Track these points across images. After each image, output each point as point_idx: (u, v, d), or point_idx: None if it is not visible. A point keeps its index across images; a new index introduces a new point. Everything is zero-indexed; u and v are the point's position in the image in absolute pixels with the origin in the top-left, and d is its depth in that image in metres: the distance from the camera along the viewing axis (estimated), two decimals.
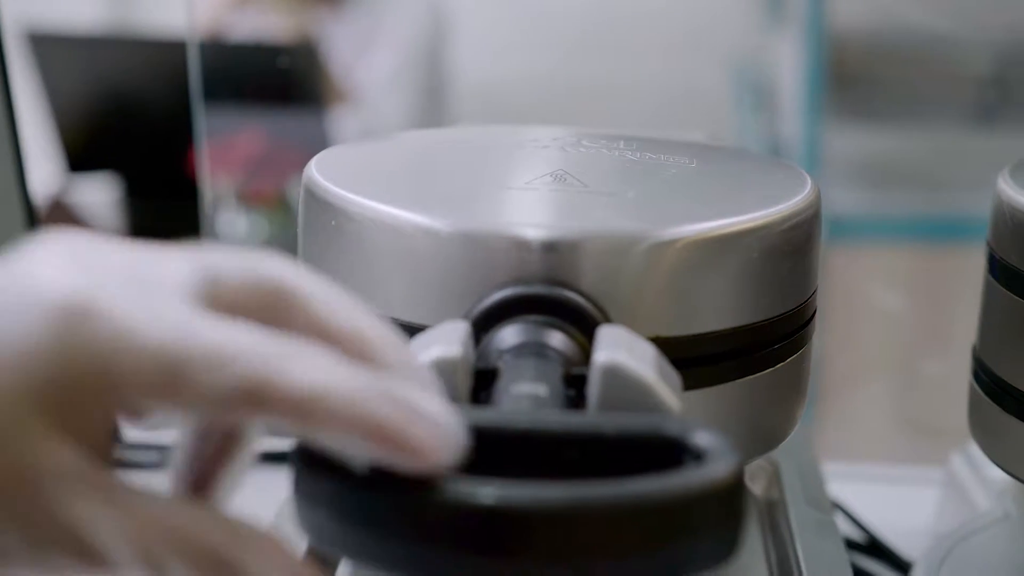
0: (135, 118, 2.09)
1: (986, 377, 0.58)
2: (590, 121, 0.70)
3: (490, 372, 0.43)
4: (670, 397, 0.40)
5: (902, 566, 0.71)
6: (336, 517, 0.33)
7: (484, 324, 0.44)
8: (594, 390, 0.40)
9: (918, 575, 0.64)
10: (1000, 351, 0.57)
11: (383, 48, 2.10)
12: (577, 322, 0.44)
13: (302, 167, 0.53)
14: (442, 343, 0.40)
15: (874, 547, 0.72)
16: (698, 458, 0.34)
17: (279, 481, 0.81)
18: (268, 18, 2.14)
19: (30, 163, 0.78)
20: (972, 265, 0.64)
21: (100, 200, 2.04)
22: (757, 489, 0.67)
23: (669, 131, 0.66)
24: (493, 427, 0.35)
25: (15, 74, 0.75)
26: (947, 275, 1.72)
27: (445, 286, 0.46)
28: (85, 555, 0.31)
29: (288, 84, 1.97)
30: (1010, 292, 0.56)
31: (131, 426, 0.34)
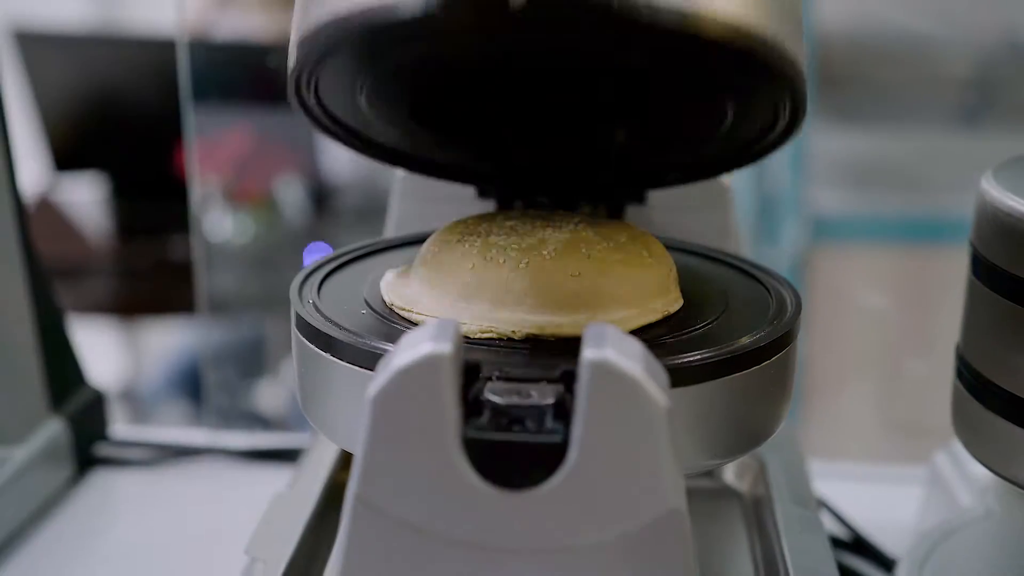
0: (122, 117, 2.08)
1: (969, 375, 0.59)
2: None
3: (478, 368, 0.43)
4: (658, 393, 0.41)
5: (886, 563, 0.71)
6: None
7: None
8: (583, 386, 0.40)
9: (902, 572, 0.65)
10: (983, 349, 0.58)
11: None
12: None
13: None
14: (432, 339, 0.41)
15: (859, 544, 0.73)
16: None
17: (270, 479, 0.81)
18: (253, 17, 2.14)
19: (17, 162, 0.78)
20: (956, 265, 0.64)
21: (87, 199, 2.04)
22: (743, 486, 0.68)
23: None
24: None
25: (2, 73, 0.75)
26: (931, 275, 1.73)
27: None
28: None
29: (275, 84, 1.96)
30: (992, 291, 0.56)
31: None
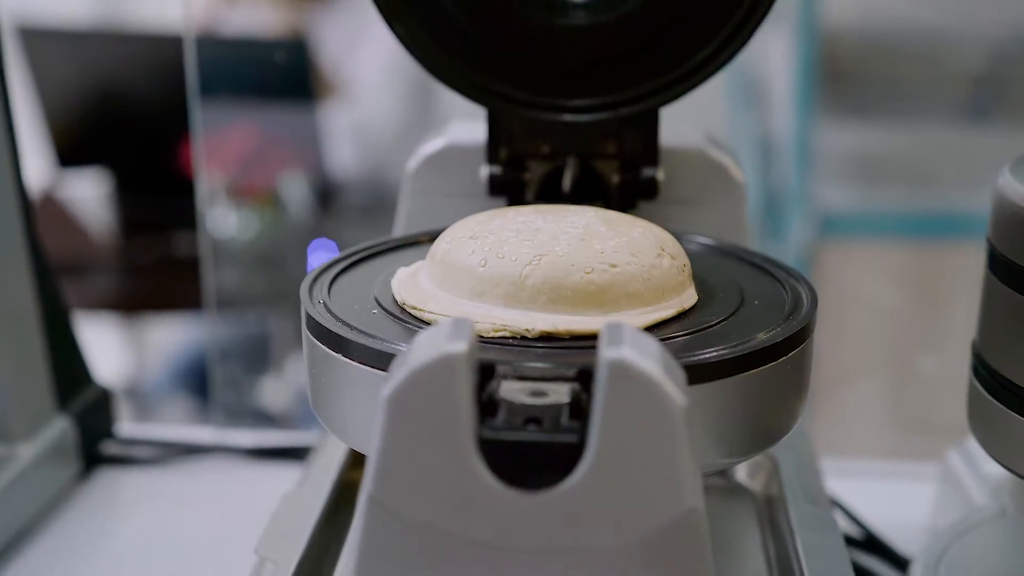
0: (126, 113, 2.08)
1: (986, 373, 0.58)
2: None
3: (493, 367, 0.43)
4: (676, 392, 0.40)
5: (900, 562, 0.71)
6: None
7: None
8: (601, 385, 0.40)
9: (916, 572, 0.64)
10: (1000, 347, 0.57)
11: (375, 43, 2.09)
12: None
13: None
14: (448, 339, 0.40)
15: (872, 543, 0.72)
16: None
17: (277, 478, 0.81)
18: (260, 13, 2.14)
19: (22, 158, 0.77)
20: (965, 261, 0.64)
21: (91, 195, 2.04)
22: (756, 485, 0.67)
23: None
24: None
25: (6, 69, 0.75)
26: (941, 271, 1.72)
27: None
28: None
29: (280, 79, 1.96)
30: (1011, 288, 0.56)
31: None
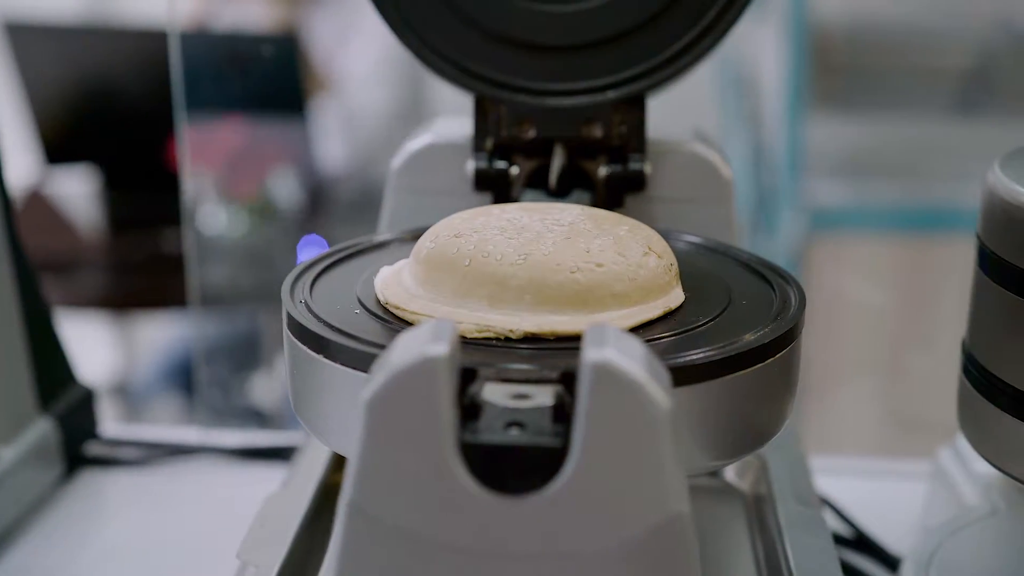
0: (114, 109, 2.07)
1: (976, 372, 0.58)
2: None
3: (475, 370, 0.42)
4: (660, 395, 0.39)
5: (891, 561, 0.70)
6: None
7: None
8: (584, 388, 0.39)
9: (907, 571, 0.64)
10: (990, 346, 0.57)
11: (365, 38, 2.08)
12: None
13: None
14: (428, 341, 0.40)
15: (862, 542, 0.72)
16: None
17: (263, 478, 0.80)
18: (249, 8, 2.13)
19: (6, 154, 0.77)
20: (954, 254, 0.63)
21: (79, 192, 2.03)
22: (745, 485, 0.67)
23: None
24: None
25: None
26: (931, 266, 1.72)
27: None
28: None
29: (270, 75, 1.95)
30: (1000, 286, 0.55)
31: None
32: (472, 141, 0.64)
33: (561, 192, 0.65)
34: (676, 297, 0.52)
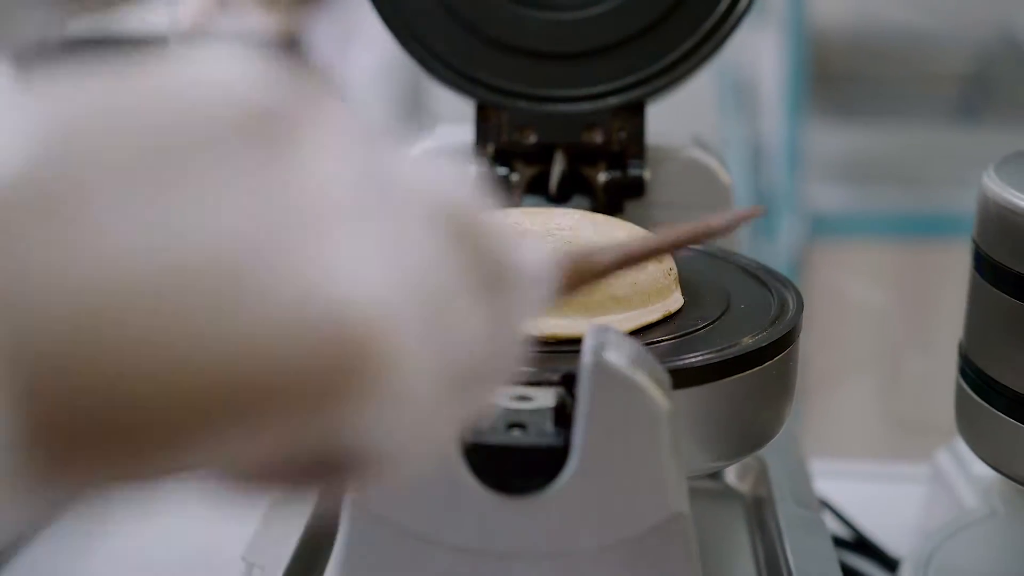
0: None
1: (973, 374, 0.58)
2: None
3: None
4: (659, 396, 0.40)
5: (890, 563, 0.71)
6: None
7: None
8: (584, 389, 0.40)
9: (906, 573, 0.64)
10: (987, 348, 0.57)
11: (366, 45, 2.09)
12: None
13: None
14: None
15: (862, 544, 0.72)
16: None
17: None
18: (251, 17, 2.13)
19: None
20: (955, 261, 0.64)
21: None
22: (745, 487, 0.67)
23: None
24: None
25: None
26: (930, 271, 1.73)
27: None
28: None
29: None
30: (996, 289, 0.56)
31: None
32: (474, 148, 0.65)
33: (561, 198, 0.65)
34: (675, 301, 0.53)
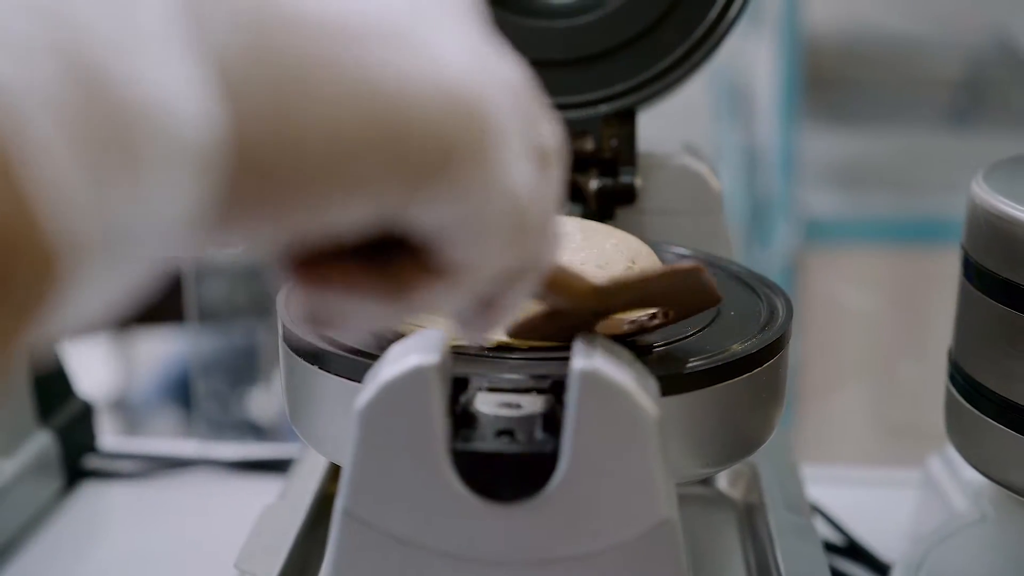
0: None
1: (962, 380, 0.58)
2: None
3: (466, 379, 0.43)
4: (648, 403, 0.40)
5: (881, 568, 0.71)
6: None
7: None
8: (573, 396, 0.40)
9: None
10: (976, 354, 0.57)
11: None
12: None
13: None
14: (420, 351, 0.40)
15: (853, 549, 0.73)
16: None
17: (261, 490, 0.81)
18: None
19: None
20: (947, 267, 0.64)
21: None
22: (736, 493, 0.67)
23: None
24: None
25: None
26: (923, 277, 1.73)
27: None
28: None
29: None
30: (985, 295, 0.56)
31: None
32: None
33: None
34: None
